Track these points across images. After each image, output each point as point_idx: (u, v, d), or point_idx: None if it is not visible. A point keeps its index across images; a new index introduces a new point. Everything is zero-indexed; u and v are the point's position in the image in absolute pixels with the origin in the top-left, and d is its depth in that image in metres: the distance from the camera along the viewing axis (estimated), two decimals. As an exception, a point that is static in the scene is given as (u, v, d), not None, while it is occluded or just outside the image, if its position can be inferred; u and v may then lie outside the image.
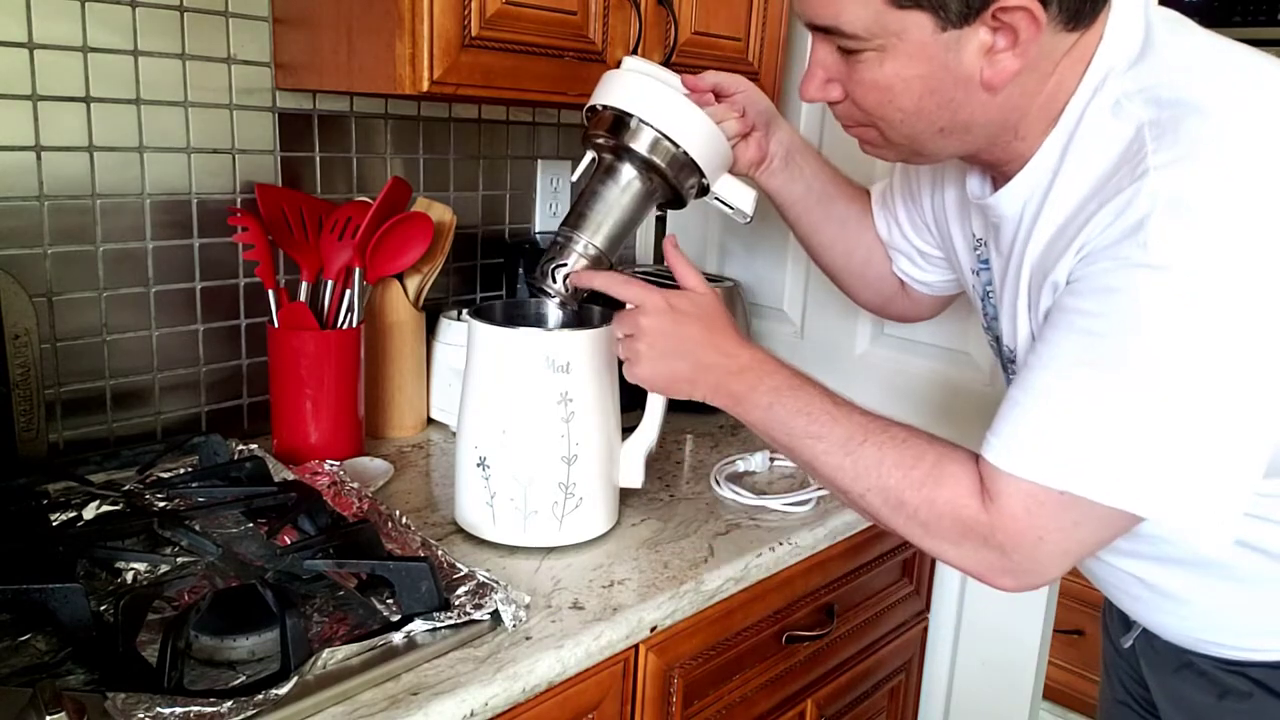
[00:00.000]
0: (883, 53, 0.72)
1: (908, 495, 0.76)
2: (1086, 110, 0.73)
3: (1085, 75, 0.73)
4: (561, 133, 1.57)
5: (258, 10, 1.17)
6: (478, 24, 1.02)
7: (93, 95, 1.06)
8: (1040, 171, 0.76)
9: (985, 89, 0.72)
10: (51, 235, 1.06)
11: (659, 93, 0.90)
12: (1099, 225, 0.68)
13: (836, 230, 1.08)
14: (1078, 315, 0.69)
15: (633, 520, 1.07)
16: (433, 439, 1.30)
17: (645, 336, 0.86)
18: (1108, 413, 0.67)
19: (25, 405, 1.03)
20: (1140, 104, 0.70)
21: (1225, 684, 0.84)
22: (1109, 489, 0.68)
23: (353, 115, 1.30)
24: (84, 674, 0.71)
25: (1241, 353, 0.65)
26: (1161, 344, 0.65)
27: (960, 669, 1.49)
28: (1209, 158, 0.65)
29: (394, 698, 0.72)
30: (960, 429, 1.38)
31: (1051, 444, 0.69)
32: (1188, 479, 0.67)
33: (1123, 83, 0.71)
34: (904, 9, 0.69)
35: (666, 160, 0.91)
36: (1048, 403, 0.70)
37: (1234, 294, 0.64)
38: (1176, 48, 0.72)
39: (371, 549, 0.87)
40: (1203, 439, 0.67)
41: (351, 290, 1.16)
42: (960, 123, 0.75)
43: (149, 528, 0.91)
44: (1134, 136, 0.69)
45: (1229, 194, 0.64)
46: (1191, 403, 0.66)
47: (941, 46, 0.70)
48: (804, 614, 1.16)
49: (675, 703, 0.99)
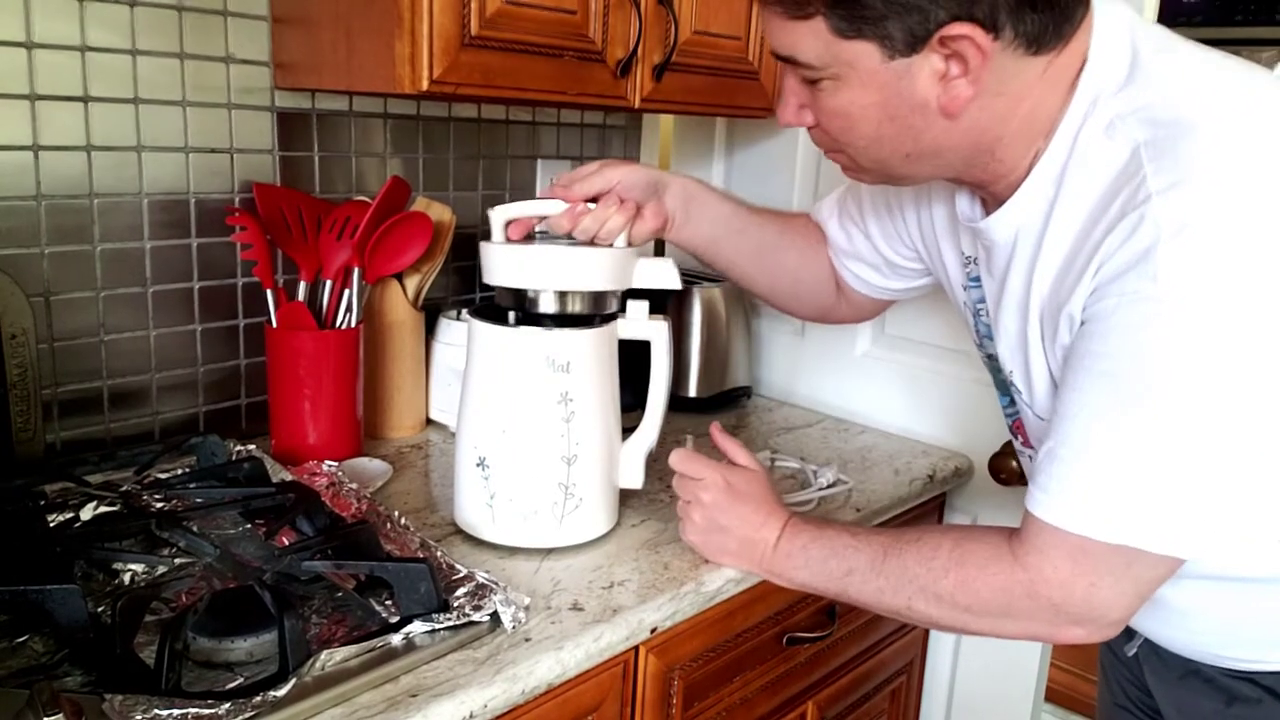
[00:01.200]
0: (839, 81, 0.73)
1: (941, 586, 0.78)
2: (1080, 134, 0.72)
3: (1073, 99, 0.72)
4: (561, 132, 1.57)
5: (256, 9, 1.16)
6: (477, 23, 1.01)
7: (91, 94, 1.06)
8: (1036, 199, 0.76)
9: (943, 115, 0.72)
10: (49, 235, 1.05)
11: (541, 259, 0.94)
12: (1108, 251, 0.68)
13: (753, 258, 1.10)
14: (1098, 359, 0.69)
15: (633, 521, 1.07)
16: (432, 439, 1.30)
17: (701, 509, 0.94)
18: (1144, 458, 0.67)
19: (22, 405, 1.03)
20: (1135, 125, 0.69)
21: (1233, 691, 0.84)
22: (1157, 538, 0.69)
23: (352, 115, 1.29)
24: (81, 675, 0.70)
25: (1264, 377, 0.65)
26: (1183, 380, 0.65)
27: (962, 671, 1.48)
28: (1208, 180, 0.65)
29: (393, 699, 0.72)
30: (960, 429, 1.38)
31: (1095, 496, 0.70)
32: (1229, 514, 0.68)
33: (1115, 104, 0.71)
34: (850, 39, 0.70)
35: (579, 304, 0.95)
36: (1086, 455, 0.70)
37: (1247, 318, 0.64)
38: (1166, 67, 0.72)
39: (370, 550, 0.87)
40: (1240, 471, 0.67)
41: (350, 290, 1.15)
42: (925, 148, 0.76)
43: (146, 529, 0.91)
44: (1130, 158, 0.69)
45: (1232, 217, 0.64)
46: (1222, 436, 0.66)
47: (893, 74, 0.71)
48: (805, 615, 1.15)
49: (675, 704, 0.99)
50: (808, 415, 1.54)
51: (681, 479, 0.97)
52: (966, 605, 0.78)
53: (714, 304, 1.50)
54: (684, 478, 0.96)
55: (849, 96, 0.74)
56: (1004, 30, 0.68)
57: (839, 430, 1.47)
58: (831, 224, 1.09)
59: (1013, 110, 0.73)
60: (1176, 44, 0.74)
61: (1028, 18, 0.68)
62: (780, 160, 1.61)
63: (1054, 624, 0.75)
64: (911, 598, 0.81)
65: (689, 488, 0.96)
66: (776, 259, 1.10)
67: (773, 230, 1.10)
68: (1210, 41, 0.76)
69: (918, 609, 0.81)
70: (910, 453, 1.37)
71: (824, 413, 1.55)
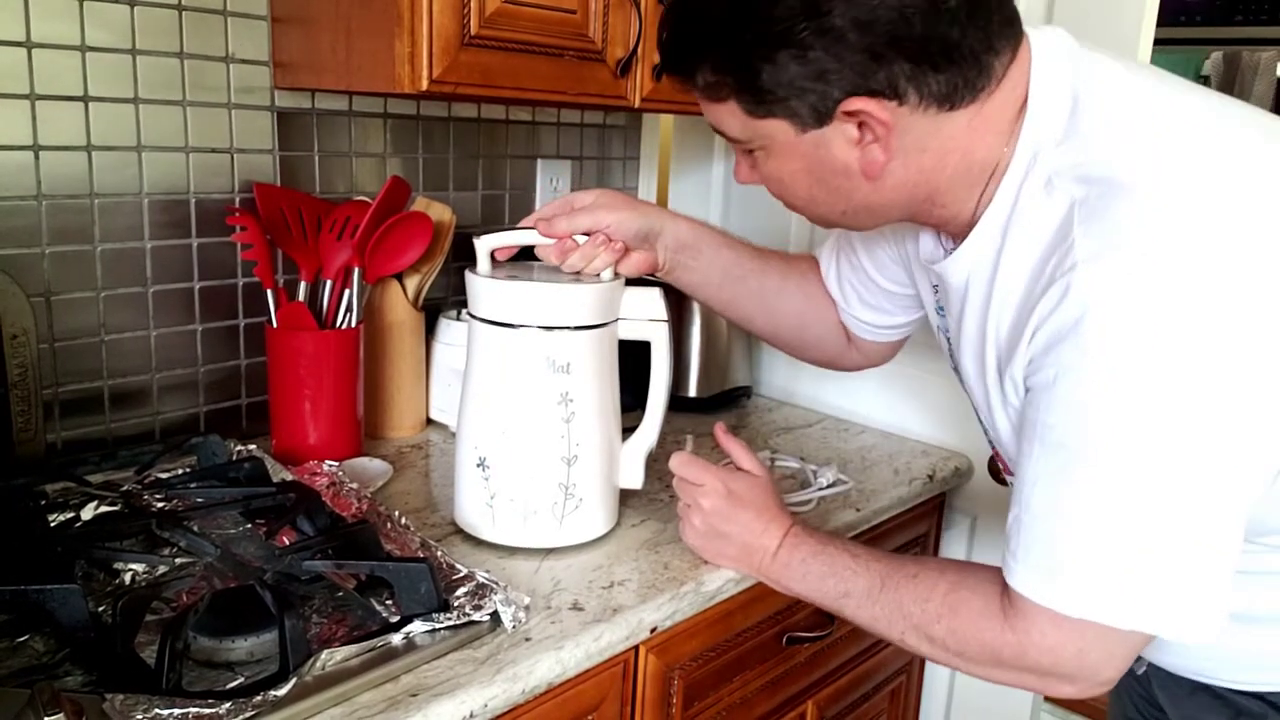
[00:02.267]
0: (766, 151, 0.77)
1: (933, 629, 0.79)
2: (1022, 189, 0.72)
3: (1016, 148, 0.72)
4: (561, 132, 1.57)
5: (256, 9, 1.16)
6: (477, 23, 1.01)
7: (91, 94, 1.06)
8: (984, 248, 0.76)
9: (865, 178, 0.74)
10: (49, 235, 1.05)
11: (524, 296, 0.93)
12: (1040, 316, 0.68)
13: (754, 304, 1.09)
14: (1048, 429, 0.69)
15: (633, 521, 1.07)
16: (432, 439, 1.30)
17: (701, 514, 0.95)
18: (1101, 532, 0.67)
19: (23, 405, 1.03)
20: (1070, 181, 0.69)
21: (1240, 706, 0.83)
22: (1124, 614, 0.68)
23: (351, 114, 1.29)
24: (82, 675, 0.71)
25: (1205, 440, 0.65)
26: (1130, 451, 0.65)
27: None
28: (1133, 250, 0.65)
29: (393, 699, 0.72)
30: (960, 429, 1.38)
31: (1059, 570, 0.70)
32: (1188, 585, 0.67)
33: (1053, 159, 0.71)
34: (763, 118, 0.74)
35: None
36: (1045, 526, 0.70)
37: (1181, 384, 0.64)
38: (1105, 116, 0.71)
39: (370, 550, 0.87)
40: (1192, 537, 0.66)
41: (350, 290, 1.15)
42: (858, 206, 0.78)
43: (147, 528, 0.91)
44: (1065, 216, 0.68)
45: (1157, 286, 0.64)
46: (1170, 503, 0.66)
47: (810, 144, 0.74)
48: (805, 615, 1.16)
49: (675, 704, 0.99)
50: (808, 415, 1.54)
51: (681, 482, 0.97)
52: (958, 652, 0.78)
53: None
54: (684, 481, 0.96)
55: (776, 165, 0.78)
56: (908, 96, 0.69)
57: (839, 430, 1.47)
58: (830, 277, 1.08)
59: (940, 164, 0.74)
60: (1119, 82, 0.72)
61: (930, 80, 0.69)
62: (780, 160, 1.60)
63: (1044, 682, 0.74)
64: (905, 633, 0.81)
65: (689, 492, 0.96)
66: (779, 307, 1.09)
67: (775, 277, 1.09)
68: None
69: (910, 643, 0.81)
70: (910, 453, 1.38)
71: (824, 413, 1.55)
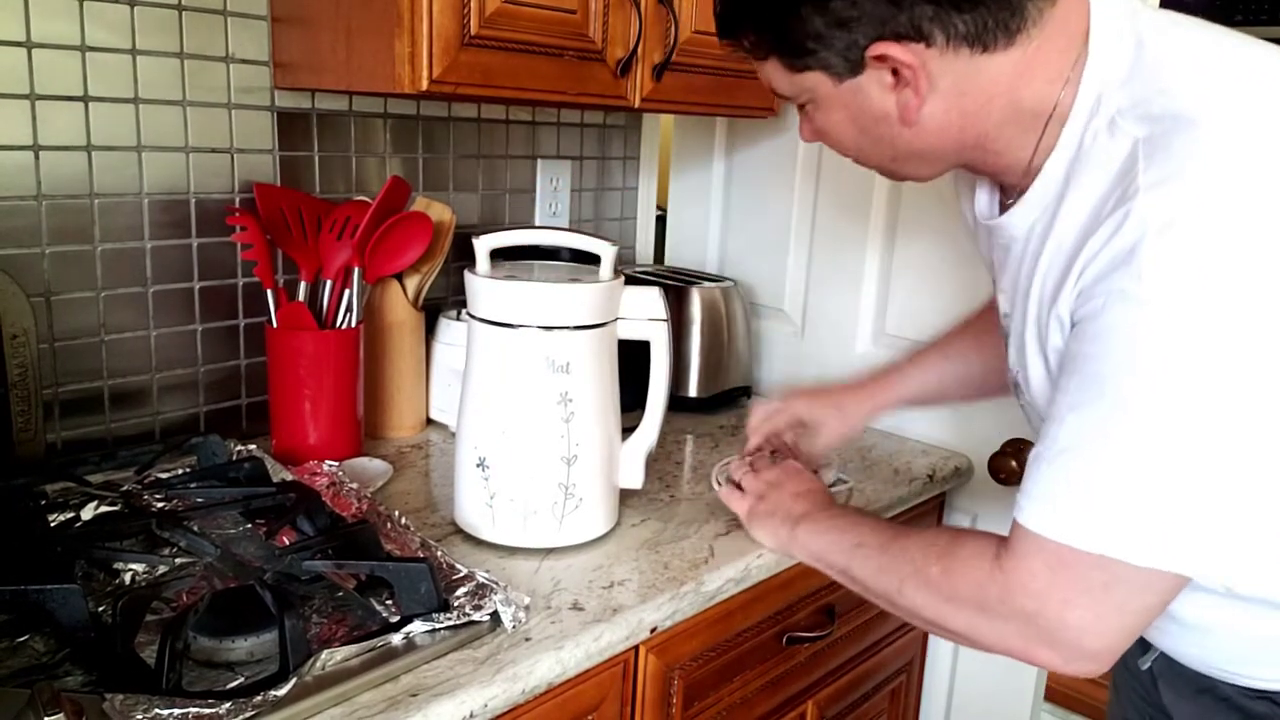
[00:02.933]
0: (814, 105, 0.81)
1: (930, 570, 0.79)
2: (1086, 131, 0.72)
3: (1079, 93, 0.72)
4: (561, 132, 1.57)
5: (256, 9, 1.16)
6: (477, 23, 1.01)
7: (91, 94, 1.06)
8: (1046, 195, 0.76)
9: (902, 123, 0.76)
10: (49, 235, 1.05)
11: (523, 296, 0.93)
12: (1091, 250, 0.67)
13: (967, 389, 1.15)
14: (1087, 360, 0.68)
15: (633, 521, 1.07)
16: (432, 439, 1.30)
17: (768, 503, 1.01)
18: (1128, 463, 0.65)
19: (23, 405, 1.03)
20: (1134, 120, 0.68)
21: (1248, 709, 0.81)
22: (1138, 548, 0.66)
23: (352, 114, 1.29)
24: (82, 675, 0.71)
25: (1257, 380, 0.63)
26: (1171, 382, 0.63)
27: (961, 670, 1.48)
28: (1199, 175, 0.64)
29: (393, 699, 0.72)
30: (960, 429, 1.38)
31: (1075, 501, 0.68)
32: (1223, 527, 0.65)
33: (1118, 99, 0.70)
34: (801, 72, 0.77)
35: None
36: (1068, 457, 0.68)
37: (1238, 317, 0.62)
38: (1169, 56, 0.71)
39: (370, 550, 0.87)
40: (1232, 481, 0.65)
41: (350, 290, 1.15)
42: (905, 152, 0.80)
43: (147, 528, 0.91)
44: (1129, 154, 0.68)
45: (1222, 212, 0.62)
46: (1212, 444, 0.64)
47: (849, 94, 0.77)
48: (805, 615, 1.16)
49: (675, 704, 0.99)
50: (808, 415, 1.54)
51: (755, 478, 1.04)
52: (947, 595, 0.77)
53: (714, 304, 1.51)
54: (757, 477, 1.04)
55: (823, 117, 0.81)
56: (934, 37, 0.70)
57: (839, 430, 1.47)
58: None
59: (984, 107, 0.74)
60: (1183, 27, 0.73)
61: (955, 20, 0.69)
62: (780, 160, 1.61)
63: (1025, 637, 0.72)
64: (904, 580, 0.81)
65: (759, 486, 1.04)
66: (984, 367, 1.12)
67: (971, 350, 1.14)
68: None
69: (907, 595, 0.81)
70: (910, 452, 1.38)
71: (824, 412, 1.55)
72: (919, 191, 1.44)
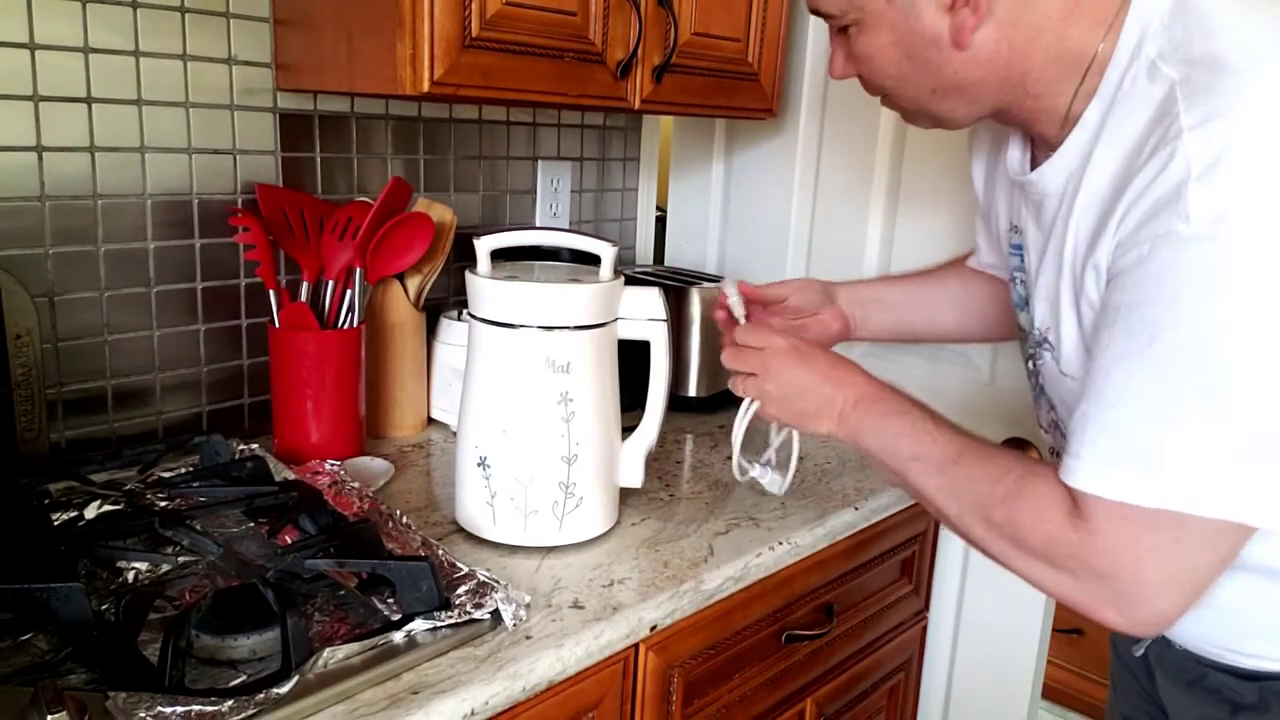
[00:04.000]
0: (859, 26, 0.80)
1: (994, 513, 0.74)
2: (1126, 76, 0.71)
3: (1120, 39, 0.72)
4: (562, 133, 1.58)
5: (258, 11, 1.17)
6: (478, 24, 1.02)
7: (94, 96, 1.06)
8: (1082, 143, 0.75)
9: (955, 47, 0.75)
10: (53, 235, 1.06)
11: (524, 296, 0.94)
12: (1131, 196, 0.66)
13: (940, 316, 1.16)
14: (1130, 308, 0.65)
15: (633, 520, 1.07)
16: (433, 439, 1.30)
17: (773, 377, 0.93)
18: (1182, 410, 0.63)
19: (27, 405, 1.04)
20: (1172, 64, 0.67)
21: (1238, 700, 0.81)
22: (1201, 499, 0.63)
23: (353, 116, 1.30)
24: (85, 673, 0.71)
25: None
26: (1222, 323, 0.61)
27: (959, 668, 1.49)
28: (1243, 113, 0.62)
29: (394, 697, 0.72)
30: (960, 429, 1.39)
31: (1129, 456, 0.65)
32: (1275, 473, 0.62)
33: (1158, 42, 0.69)
34: None
35: None
36: (1119, 410, 0.66)
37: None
38: (1211, 2, 0.70)
39: (372, 548, 0.87)
40: None
41: (352, 290, 1.16)
42: (948, 83, 0.78)
43: (150, 527, 0.91)
44: (1165, 97, 0.66)
45: (1269, 149, 0.61)
46: (1271, 385, 0.61)
47: (900, 12, 0.77)
48: (804, 613, 1.16)
49: (675, 702, 0.99)
50: (807, 414, 1.54)
51: (742, 353, 0.95)
52: (1014, 539, 0.73)
53: (714, 304, 1.51)
54: (747, 350, 0.94)
55: (868, 39, 0.80)
56: None
57: (838, 429, 1.47)
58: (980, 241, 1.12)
59: (1033, 42, 0.74)
60: None
61: None
62: (780, 160, 1.61)
63: (1096, 596, 0.69)
64: (963, 511, 0.77)
65: (754, 358, 0.94)
66: (952, 305, 1.15)
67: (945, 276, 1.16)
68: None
69: (965, 523, 0.78)
70: (909, 452, 1.38)
71: (823, 412, 1.55)
72: (919, 192, 1.44)
